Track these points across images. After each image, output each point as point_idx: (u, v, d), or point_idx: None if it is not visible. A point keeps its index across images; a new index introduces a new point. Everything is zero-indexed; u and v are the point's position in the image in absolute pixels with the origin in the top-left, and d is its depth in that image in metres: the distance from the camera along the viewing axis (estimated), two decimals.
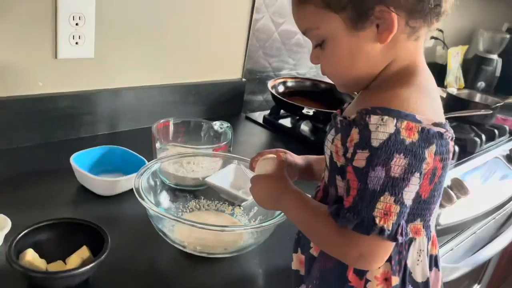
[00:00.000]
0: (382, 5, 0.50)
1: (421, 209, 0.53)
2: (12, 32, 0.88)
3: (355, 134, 0.49)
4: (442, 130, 0.49)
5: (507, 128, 1.48)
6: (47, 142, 0.98)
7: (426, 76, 0.55)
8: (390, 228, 0.47)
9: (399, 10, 0.50)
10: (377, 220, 0.47)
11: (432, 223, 0.57)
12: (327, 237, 0.52)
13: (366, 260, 0.50)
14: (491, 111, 1.35)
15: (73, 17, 0.93)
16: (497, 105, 1.40)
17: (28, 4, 0.88)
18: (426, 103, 0.51)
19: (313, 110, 1.19)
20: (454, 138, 0.53)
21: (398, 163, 0.46)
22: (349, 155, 0.50)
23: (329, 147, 0.56)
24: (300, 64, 1.52)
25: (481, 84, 2.05)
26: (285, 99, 1.25)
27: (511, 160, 1.38)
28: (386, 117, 0.47)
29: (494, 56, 2.05)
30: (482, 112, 1.34)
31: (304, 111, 1.20)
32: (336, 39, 0.53)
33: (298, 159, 0.71)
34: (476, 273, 1.45)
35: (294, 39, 1.44)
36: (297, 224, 0.58)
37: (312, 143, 1.21)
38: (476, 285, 1.52)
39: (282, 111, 1.35)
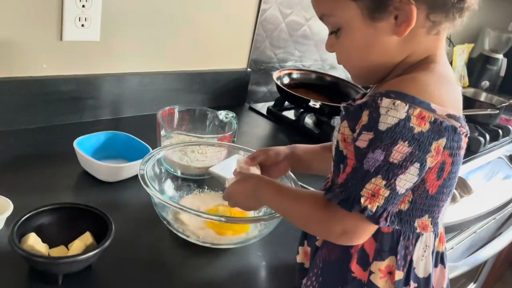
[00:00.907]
0: None
1: (428, 205, 0.52)
2: (18, 12, 0.87)
3: (364, 116, 0.48)
4: (456, 124, 0.48)
5: (511, 129, 1.47)
6: (50, 125, 0.97)
7: (447, 68, 0.53)
8: (373, 210, 0.46)
9: (419, 3, 0.48)
10: (362, 200, 0.46)
11: (441, 220, 0.56)
12: (311, 215, 0.52)
13: (348, 237, 0.50)
14: (498, 111, 1.34)
15: None
16: (503, 105, 1.39)
17: None
18: (446, 91, 0.49)
19: (319, 103, 1.18)
20: (468, 135, 0.52)
21: (400, 150, 0.45)
22: (355, 135, 0.49)
23: (335, 136, 0.55)
24: (305, 56, 1.51)
25: (485, 83, 2.04)
26: (290, 91, 1.23)
27: None
28: (398, 102, 0.46)
29: (500, 56, 2.04)
30: (489, 111, 1.33)
31: (311, 104, 1.18)
32: (352, 28, 0.52)
33: (283, 148, 0.71)
34: (472, 272, 1.45)
35: (301, 31, 1.42)
36: (281, 212, 0.58)
37: (316, 137, 1.20)
38: (472, 284, 1.53)
39: (286, 103, 1.33)
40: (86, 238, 0.61)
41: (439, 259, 0.58)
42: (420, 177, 0.48)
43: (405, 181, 0.47)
